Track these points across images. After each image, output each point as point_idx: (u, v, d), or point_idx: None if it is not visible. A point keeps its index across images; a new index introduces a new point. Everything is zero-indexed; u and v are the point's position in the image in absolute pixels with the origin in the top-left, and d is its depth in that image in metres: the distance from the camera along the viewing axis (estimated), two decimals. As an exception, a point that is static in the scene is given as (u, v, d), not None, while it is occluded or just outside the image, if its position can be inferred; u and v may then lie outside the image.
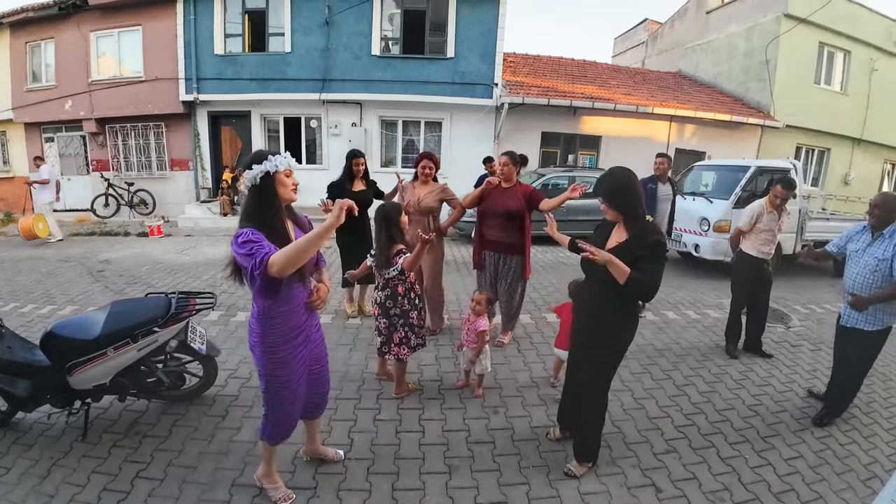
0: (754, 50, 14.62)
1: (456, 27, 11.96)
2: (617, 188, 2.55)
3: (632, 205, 2.52)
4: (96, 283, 6.70)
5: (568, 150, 13.29)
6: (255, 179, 2.11)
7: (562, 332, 3.77)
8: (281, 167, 2.13)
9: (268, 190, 2.14)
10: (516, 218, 4.35)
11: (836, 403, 3.69)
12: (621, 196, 2.53)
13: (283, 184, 2.17)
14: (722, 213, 7.54)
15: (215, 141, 13.14)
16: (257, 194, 2.14)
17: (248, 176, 2.12)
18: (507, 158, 4.37)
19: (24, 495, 2.55)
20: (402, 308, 3.44)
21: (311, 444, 2.86)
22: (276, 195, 2.16)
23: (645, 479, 2.87)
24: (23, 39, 13.36)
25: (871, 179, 16.53)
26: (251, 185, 2.13)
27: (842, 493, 2.86)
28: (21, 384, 2.95)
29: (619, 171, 2.60)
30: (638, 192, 2.54)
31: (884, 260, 3.28)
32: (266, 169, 2.10)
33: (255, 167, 2.10)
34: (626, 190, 2.53)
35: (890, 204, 3.32)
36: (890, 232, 3.33)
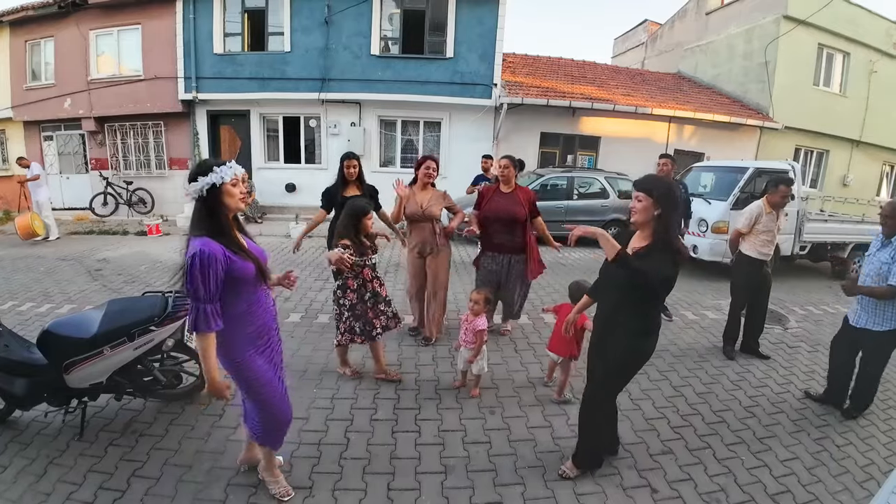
0: (753, 51, 14.63)
1: (455, 27, 11.97)
2: (671, 193, 2.42)
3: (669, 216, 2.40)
4: (94, 281, 6.69)
5: (567, 151, 13.29)
6: (202, 191, 2.10)
7: (555, 334, 3.75)
8: (227, 178, 2.12)
9: (214, 201, 2.13)
10: (519, 223, 4.40)
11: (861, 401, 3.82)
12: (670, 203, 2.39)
13: (230, 194, 2.16)
14: (720, 215, 7.55)
15: (214, 140, 13.12)
16: (203, 206, 2.13)
17: (193, 188, 2.10)
18: (508, 161, 4.38)
19: (21, 493, 2.55)
20: (351, 301, 3.62)
21: (250, 452, 2.78)
22: (223, 206, 2.16)
23: (641, 480, 2.88)
24: (22, 38, 13.35)
25: (870, 181, 16.54)
26: (196, 196, 2.12)
27: (838, 495, 2.87)
28: (18, 382, 2.94)
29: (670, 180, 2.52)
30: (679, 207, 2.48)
31: (885, 263, 3.44)
32: (211, 181, 2.09)
33: (200, 179, 2.08)
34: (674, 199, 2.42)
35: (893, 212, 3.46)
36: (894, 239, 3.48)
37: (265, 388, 2.37)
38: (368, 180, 4.93)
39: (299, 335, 4.82)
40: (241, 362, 2.27)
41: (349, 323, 3.66)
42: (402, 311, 5.55)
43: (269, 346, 2.42)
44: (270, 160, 13.10)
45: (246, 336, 2.28)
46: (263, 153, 12.98)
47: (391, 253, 8.83)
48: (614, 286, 2.57)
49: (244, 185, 2.22)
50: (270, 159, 13.11)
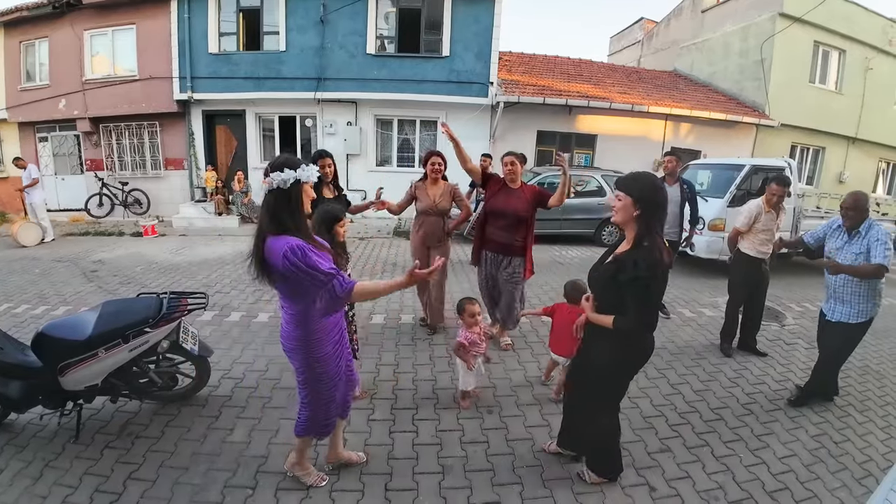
0: (749, 49, 14.64)
1: (451, 26, 11.94)
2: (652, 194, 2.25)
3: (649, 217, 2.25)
4: (90, 283, 6.66)
5: (564, 149, 13.26)
6: (286, 183, 2.12)
7: (554, 334, 3.73)
8: (312, 178, 2.20)
9: (296, 196, 2.18)
10: (523, 220, 4.27)
11: (815, 387, 3.89)
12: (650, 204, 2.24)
13: (307, 193, 2.24)
14: (717, 212, 7.57)
15: (210, 140, 13.08)
16: (285, 199, 2.15)
17: (279, 178, 2.12)
18: (514, 158, 4.26)
19: (17, 496, 2.53)
20: None
21: (334, 450, 2.83)
22: (301, 202, 2.21)
23: (639, 479, 2.87)
24: (17, 38, 13.27)
25: (866, 178, 16.58)
26: (277, 186, 2.13)
27: (836, 492, 2.87)
28: (13, 385, 2.92)
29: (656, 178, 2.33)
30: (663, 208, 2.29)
31: (860, 254, 3.50)
32: (297, 176, 2.13)
33: (286, 171, 2.12)
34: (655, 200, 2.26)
35: (861, 205, 3.54)
36: (865, 228, 3.53)
37: (328, 387, 2.44)
38: (365, 179, 4.85)
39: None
40: (318, 357, 2.33)
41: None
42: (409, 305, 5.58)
43: (341, 342, 2.49)
44: (266, 160, 13.01)
45: (325, 331, 2.33)
46: (259, 153, 12.93)
47: (388, 252, 8.82)
48: (600, 291, 2.48)
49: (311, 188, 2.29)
50: (266, 159, 13.03)
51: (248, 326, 5.06)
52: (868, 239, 3.47)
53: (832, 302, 3.74)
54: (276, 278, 2.15)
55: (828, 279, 3.76)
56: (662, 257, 2.21)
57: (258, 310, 5.56)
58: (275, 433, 3.15)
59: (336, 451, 2.83)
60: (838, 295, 3.66)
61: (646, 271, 2.15)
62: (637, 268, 2.16)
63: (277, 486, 2.65)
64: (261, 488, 2.64)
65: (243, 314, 5.42)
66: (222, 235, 10.50)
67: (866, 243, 3.47)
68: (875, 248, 3.40)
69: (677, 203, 5.66)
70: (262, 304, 5.77)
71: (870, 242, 3.45)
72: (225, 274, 7.05)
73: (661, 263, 2.19)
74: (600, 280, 2.43)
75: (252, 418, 3.33)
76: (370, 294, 2.20)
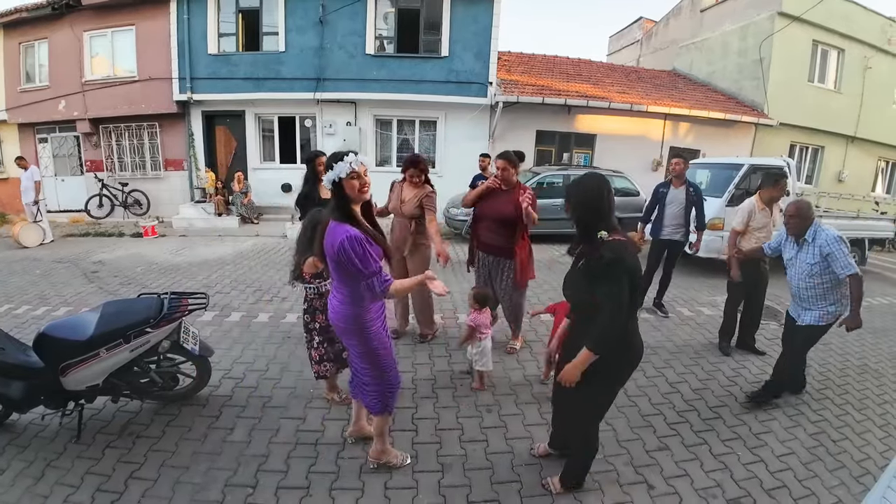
0: (748, 48, 14.67)
1: (450, 26, 11.95)
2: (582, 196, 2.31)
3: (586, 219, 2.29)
4: (90, 283, 6.68)
5: (563, 149, 13.32)
6: (330, 183, 2.36)
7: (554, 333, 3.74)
8: (342, 174, 2.31)
9: (341, 192, 2.37)
10: (510, 224, 4.14)
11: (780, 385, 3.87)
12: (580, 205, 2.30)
13: (350, 187, 2.35)
14: (716, 211, 7.56)
15: (210, 141, 13.08)
16: (336, 195, 2.39)
17: (326, 179, 2.36)
18: (505, 162, 4.11)
19: (19, 496, 2.55)
20: (321, 323, 3.30)
21: (358, 423, 3.05)
22: (347, 197, 2.37)
23: (637, 477, 2.89)
24: (16, 40, 13.27)
25: (865, 177, 16.61)
26: (330, 186, 2.37)
27: (834, 490, 2.89)
28: (14, 385, 2.93)
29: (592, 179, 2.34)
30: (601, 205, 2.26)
31: (815, 264, 3.49)
32: (331, 177, 2.33)
33: (329, 173, 2.34)
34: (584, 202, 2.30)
35: (804, 212, 3.53)
36: (811, 236, 3.52)
37: (386, 356, 2.63)
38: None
39: (297, 335, 4.81)
40: (372, 331, 2.52)
41: (323, 349, 3.35)
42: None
43: (382, 319, 2.66)
44: (266, 160, 13.08)
45: (375, 311, 2.55)
46: (259, 153, 12.95)
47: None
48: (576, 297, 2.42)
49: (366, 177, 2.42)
50: (266, 160, 13.09)
51: (248, 326, 5.07)
52: (818, 247, 3.45)
53: (799, 309, 3.74)
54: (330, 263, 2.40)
55: (789, 282, 3.77)
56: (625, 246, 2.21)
57: (258, 310, 5.57)
58: (275, 432, 3.17)
59: (360, 425, 3.05)
60: (803, 302, 3.66)
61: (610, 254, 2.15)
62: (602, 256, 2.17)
63: (278, 485, 2.67)
64: (261, 487, 2.66)
65: (243, 314, 5.43)
66: (222, 236, 10.50)
67: (817, 251, 3.45)
68: (835, 260, 3.36)
69: (681, 204, 5.65)
70: (262, 304, 5.78)
71: (822, 251, 3.42)
72: (225, 274, 7.07)
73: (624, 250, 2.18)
74: (573, 281, 2.41)
75: (252, 418, 3.34)
76: (403, 291, 2.61)
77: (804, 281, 3.60)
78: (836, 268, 3.37)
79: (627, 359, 2.39)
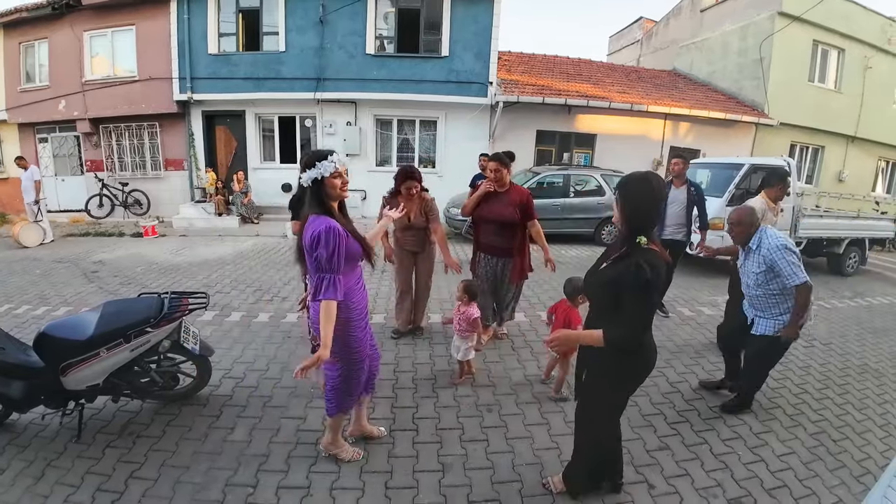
0: (748, 48, 14.66)
1: (450, 26, 11.94)
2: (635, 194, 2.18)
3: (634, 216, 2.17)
4: (90, 283, 6.68)
5: (563, 149, 13.31)
6: (308, 182, 2.39)
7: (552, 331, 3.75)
8: (327, 173, 2.37)
9: (319, 190, 2.41)
10: (509, 226, 4.21)
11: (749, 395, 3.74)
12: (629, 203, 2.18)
13: (332, 186, 2.41)
14: (716, 211, 7.55)
15: (210, 141, 13.08)
16: (312, 192, 2.42)
17: (304, 177, 2.39)
18: (497, 164, 4.14)
19: (20, 496, 2.55)
20: None
21: (359, 423, 3.08)
22: (327, 195, 2.42)
23: (638, 476, 2.89)
24: (16, 40, 13.28)
25: (865, 177, 16.61)
26: (307, 184, 2.40)
27: (835, 490, 2.88)
28: (15, 385, 2.93)
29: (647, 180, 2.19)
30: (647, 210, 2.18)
31: (760, 273, 3.37)
32: (313, 175, 2.37)
33: (307, 172, 2.37)
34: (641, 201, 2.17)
35: (746, 219, 3.43)
36: (755, 244, 3.41)
37: (359, 357, 2.64)
38: (364, 179, 4.83)
39: (297, 334, 4.82)
40: (351, 336, 2.54)
41: None
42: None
43: (366, 320, 2.70)
44: (266, 160, 13.07)
45: (353, 308, 2.53)
46: (259, 153, 12.95)
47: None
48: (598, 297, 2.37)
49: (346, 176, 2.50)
50: (266, 159, 13.08)
51: (248, 326, 5.07)
52: (762, 255, 3.33)
53: (752, 312, 3.58)
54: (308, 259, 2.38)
55: (743, 284, 3.60)
56: (661, 260, 2.15)
57: (258, 310, 5.57)
58: (275, 432, 3.17)
59: (360, 425, 3.09)
60: (757, 310, 3.52)
61: (650, 273, 2.04)
62: (641, 270, 2.04)
63: (278, 485, 2.67)
64: (261, 487, 2.65)
65: (244, 314, 5.43)
66: (222, 236, 10.50)
67: (762, 259, 3.33)
68: (781, 269, 3.22)
69: (682, 204, 5.64)
70: (262, 304, 5.78)
71: (766, 260, 3.30)
72: (225, 274, 7.06)
73: (661, 266, 2.12)
74: (601, 283, 2.29)
75: (253, 417, 3.34)
76: (326, 320, 2.31)
77: (753, 290, 3.48)
78: (783, 277, 3.23)
79: (644, 365, 2.35)
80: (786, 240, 3.32)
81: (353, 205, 11.13)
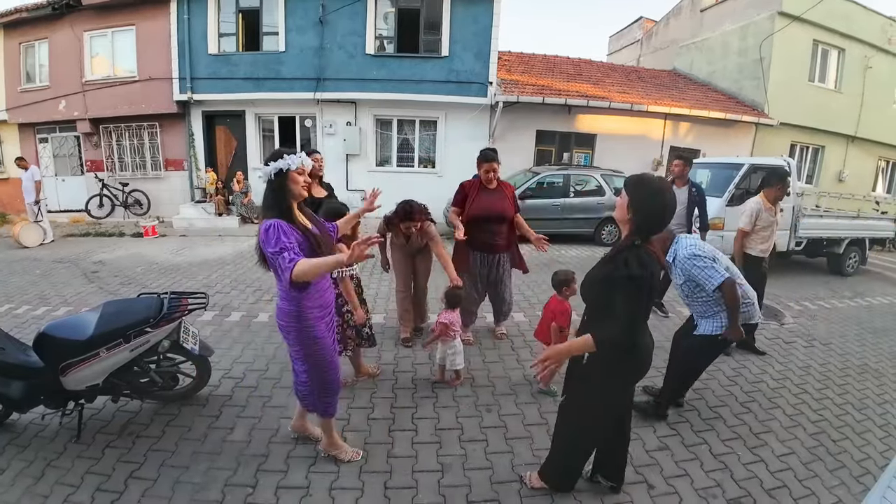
0: (748, 48, 14.65)
1: (450, 26, 11.95)
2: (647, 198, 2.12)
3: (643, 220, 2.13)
4: (90, 283, 6.68)
5: (563, 149, 13.31)
6: (270, 175, 2.33)
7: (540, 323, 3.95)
8: (293, 166, 2.34)
9: (281, 186, 2.35)
10: (506, 220, 4.35)
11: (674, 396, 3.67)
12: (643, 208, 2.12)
13: (294, 181, 2.37)
14: (716, 211, 7.54)
15: (210, 141, 13.09)
16: (271, 189, 2.37)
17: (264, 171, 2.35)
18: (495, 164, 4.18)
19: (19, 496, 2.55)
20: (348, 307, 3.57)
21: (301, 420, 3.05)
22: (288, 191, 2.37)
23: (637, 476, 2.88)
24: (16, 40, 13.29)
25: (865, 176, 16.60)
26: (267, 179, 2.36)
27: (834, 490, 2.88)
28: (15, 385, 2.94)
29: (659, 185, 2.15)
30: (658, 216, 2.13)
31: (683, 284, 3.37)
32: (279, 167, 2.32)
33: (270, 164, 2.33)
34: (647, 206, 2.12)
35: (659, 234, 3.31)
36: (672, 257, 3.38)
37: (325, 353, 2.60)
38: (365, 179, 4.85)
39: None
40: (312, 334, 2.52)
41: (354, 329, 3.64)
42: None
43: (330, 316, 2.69)
44: (266, 160, 13.04)
45: (314, 307, 2.52)
46: (259, 153, 12.91)
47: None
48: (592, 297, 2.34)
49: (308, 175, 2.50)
50: (266, 159, 13.06)
51: (248, 326, 5.07)
52: (679, 268, 3.31)
53: (694, 314, 3.53)
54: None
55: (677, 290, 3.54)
56: (654, 259, 2.12)
57: (258, 310, 5.57)
58: (275, 432, 3.17)
59: (302, 423, 3.06)
60: (695, 311, 3.47)
61: (638, 269, 2.03)
62: (628, 266, 2.04)
63: (277, 485, 2.67)
64: (261, 487, 2.66)
65: (243, 314, 5.43)
66: (222, 236, 10.51)
67: (679, 271, 3.32)
68: (696, 277, 3.20)
69: (683, 204, 5.63)
70: (262, 304, 5.79)
71: (683, 271, 3.28)
72: (225, 274, 7.06)
73: (652, 264, 2.10)
74: (593, 282, 2.28)
75: (252, 417, 3.34)
76: (314, 269, 2.15)
77: (686, 300, 3.47)
78: (702, 284, 3.20)
79: (636, 364, 2.31)
80: (694, 247, 3.28)
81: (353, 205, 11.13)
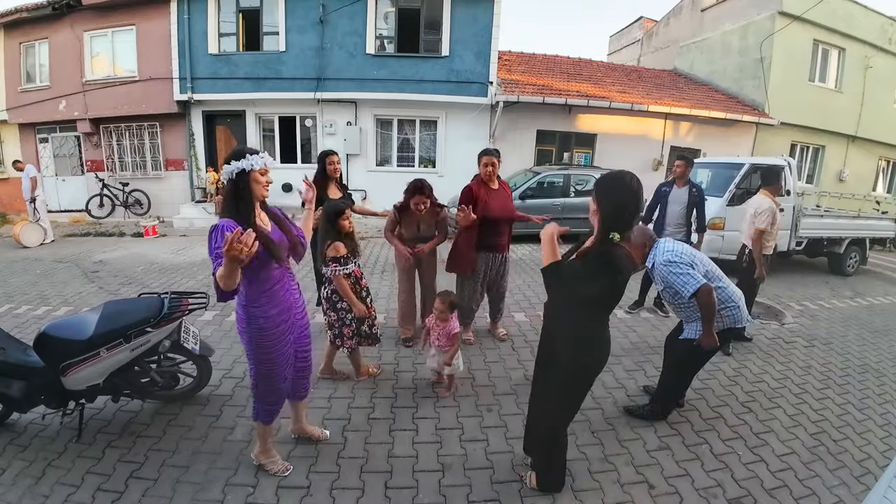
0: (749, 48, 14.65)
1: (451, 26, 11.95)
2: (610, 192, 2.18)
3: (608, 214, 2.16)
4: (91, 283, 6.68)
5: (563, 149, 13.31)
6: (232, 174, 2.25)
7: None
8: (256, 166, 2.27)
9: (242, 186, 2.27)
10: (510, 219, 4.44)
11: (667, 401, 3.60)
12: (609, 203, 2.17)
13: (256, 181, 2.30)
14: (716, 211, 7.55)
15: (210, 141, 13.09)
16: (233, 189, 2.28)
17: (226, 170, 2.26)
18: (495, 159, 4.18)
19: (20, 495, 2.55)
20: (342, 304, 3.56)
21: (298, 424, 3.06)
22: (250, 191, 2.29)
23: (638, 476, 2.89)
24: (17, 40, 13.29)
25: (866, 176, 16.61)
26: (227, 178, 2.27)
27: (835, 490, 2.88)
28: (15, 385, 2.93)
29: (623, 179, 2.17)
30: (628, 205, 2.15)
31: (664, 290, 3.33)
32: (241, 167, 2.24)
33: (232, 163, 2.25)
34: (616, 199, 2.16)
35: (637, 240, 3.26)
36: (650, 263, 3.31)
37: (270, 363, 2.50)
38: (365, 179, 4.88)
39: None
40: (262, 343, 2.44)
41: (355, 326, 3.62)
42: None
43: (288, 323, 2.54)
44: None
45: (262, 316, 2.41)
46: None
47: (388, 252, 8.82)
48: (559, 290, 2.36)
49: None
50: (267, 159, 13.05)
51: (248, 326, 5.06)
52: (657, 274, 3.25)
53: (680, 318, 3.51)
54: None
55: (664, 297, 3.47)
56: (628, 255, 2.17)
57: (259, 310, 5.55)
58: (275, 432, 3.16)
59: (300, 425, 3.06)
60: (679, 315, 3.45)
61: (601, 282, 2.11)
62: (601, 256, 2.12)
63: (278, 485, 2.67)
64: (261, 487, 2.66)
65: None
66: (223, 236, 10.48)
67: (660, 278, 3.24)
68: (673, 284, 3.13)
69: (683, 205, 5.60)
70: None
71: (660, 277, 3.23)
72: (225, 274, 7.03)
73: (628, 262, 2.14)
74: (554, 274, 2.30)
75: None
76: (221, 275, 1.99)
77: (670, 306, 3.45)
78: (679, 291, 3.13)
79: (595, 358, 2.36)
80: (671, 252, 3.20)
81: (353, 205, 11.16)
